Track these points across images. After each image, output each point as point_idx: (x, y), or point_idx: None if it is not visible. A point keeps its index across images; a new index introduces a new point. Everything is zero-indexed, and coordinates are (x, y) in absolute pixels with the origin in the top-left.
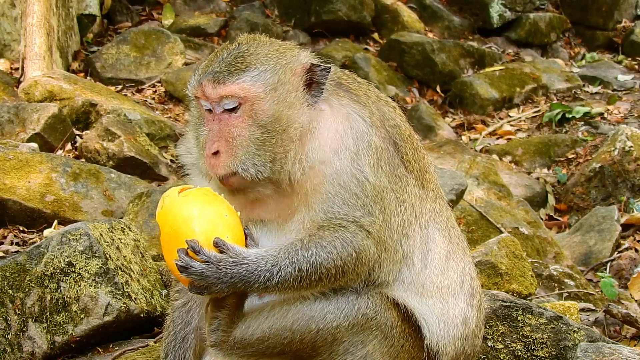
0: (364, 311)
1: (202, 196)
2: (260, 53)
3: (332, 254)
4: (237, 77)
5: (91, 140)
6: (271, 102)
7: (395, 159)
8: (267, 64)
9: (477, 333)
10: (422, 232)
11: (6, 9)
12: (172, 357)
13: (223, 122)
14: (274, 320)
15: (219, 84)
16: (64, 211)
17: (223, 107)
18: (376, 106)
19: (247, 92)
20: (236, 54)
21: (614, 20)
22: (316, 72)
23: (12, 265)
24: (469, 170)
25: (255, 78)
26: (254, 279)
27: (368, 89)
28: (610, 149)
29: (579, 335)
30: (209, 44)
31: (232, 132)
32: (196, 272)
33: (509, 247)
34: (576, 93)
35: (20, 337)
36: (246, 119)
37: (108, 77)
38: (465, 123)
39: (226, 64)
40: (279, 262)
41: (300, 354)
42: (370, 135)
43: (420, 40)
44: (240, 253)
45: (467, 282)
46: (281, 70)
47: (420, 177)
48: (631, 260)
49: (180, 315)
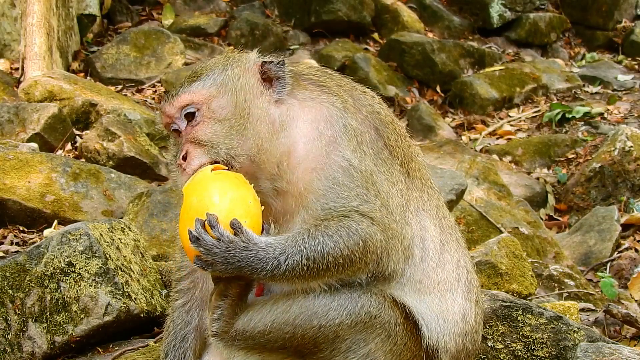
0: (368, 309)
1: (233, 178)
2: (208, 64)
3: (338, 243)
4: (187, 87)
5: (91, 140)
6: (225, 95)
7: (377, 143)
8: (215, 68)
9: (476, 328)
10: (415, 219)
11: (6, 9)
12: (172, 357)
13: (189, 133)
14: (276, 314)
15: (174, 98)
16: (64, 211)
17: (184, 119)
18: (349, 94)
19: (200, 95)
20: (186, 75)
21: (614, 20)
22: (270, 68)
23: (12, 265)
24: (469, 170)
25: (205, 81)
26: (261, 266)
27: (341, 79)
28: (610, 149)
29: (579, 335)
30: (209, 44)
31: (197, 136)
32: (206, 246)
33: (509, 247)
34: (576, 93)
35: (20, 337)
36: (207, 120)
37: (108, 77)
38: (465, 123)
39: (178, 85)
40: (287, 250)
41: (301, 350)
42: (344, 118)
43: (420, 40)
44: (252, 239)
45: (464, 276)
46: (229, 68)
47: (406, 164)
48: (631, 260)
49: (180, 315)
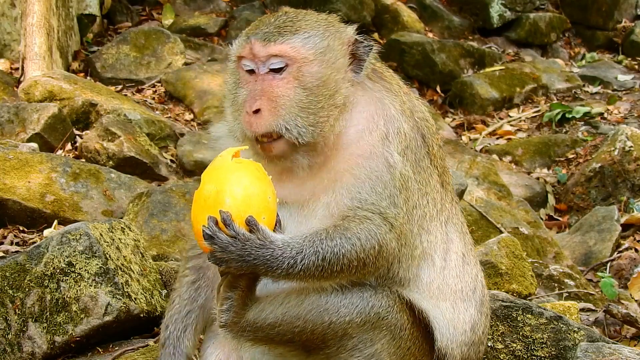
0: (377, 310)
1: (253, 170)
2: (310, 20)
3: (355, 246)
4: (287, 37)
5: (91, 140)
6: (319, 65)
7: (421, 150)
8: (317, 29)
9: (482, 340)
10: (442, 230)
11: (6, 9)
12: (172, 329)
13: (267, 82)
14: (288, 307)
15: (269, 42)
16: (64, 211)
17: (268, 67)
18: (407, 97)
19: (297, 53)
20: (285, 18)
21: (614, 20)
22: (359, 47)
23: (12, 265)
24: (469, 170)
25: (306, 40)
26: (277, 265)
27: (399, 81)
28: (610, 149)
29: (579, 335)
30: (209, 44)
31: (276, 92)
32: (221, 244)
33: (509, 247)
34: (576, 93)
35: (20, 337)
36: (292, 81)
37: (108, 77)
38: (465, 123)
39: (275, 26)
40: (304, 250)
41: (308, 345)
42: (400, 121)
43: (420, 40)
44: (268, 237)
45: (479, 289)
46: (330, 37)
47: (442, 175)
48: (631, 260)
49: (188, 291)
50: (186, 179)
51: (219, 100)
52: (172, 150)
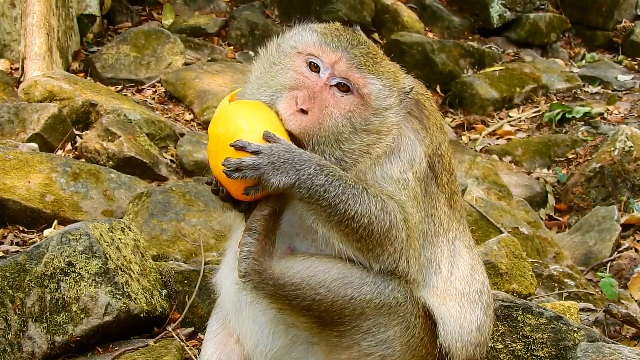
0: (396, 294)
1: (253, 103)
2: (385, 66)
3: (371, 204)
4: (371, 77)
5: (91, 140)
6: (374, 116)
7: (432, 181)
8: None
9: (486, 341)
10: (449, 246)
11: (6, 9)
12: None
13: (326, 92)
14: (316, 270)
15: (357, 69)
16: (64, 211)
17: (337, 82)
18: (436, 134)
19: (369, 97)
20: (367, 50)
21: (614, 20)
22: (408, 93)
23: (12, 265)
24: (469, 171)
25: (383, 89)
26: (304, 168)
27: (436, 113)
28: (610, 149)
29: (579, 335)
30: (209, 44)
31: (330, 109)
32: (249, 165)
33: (509, 247)
34: (576, 93)
35: (20, 337)
36: (346, 109)
37: (108, 77)
38: (465, 123)
39: (363, 54)
40: (332, 172)
41: (324, 317)
42: (424, 160)
43: (420, 40)
44: (291, 145)
45: (486, 294)
46: (395, 95)
47: (450, 198)
48: (631, 260)
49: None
50: (186, 179)
51: (218, 100)
52: (172, 150)
